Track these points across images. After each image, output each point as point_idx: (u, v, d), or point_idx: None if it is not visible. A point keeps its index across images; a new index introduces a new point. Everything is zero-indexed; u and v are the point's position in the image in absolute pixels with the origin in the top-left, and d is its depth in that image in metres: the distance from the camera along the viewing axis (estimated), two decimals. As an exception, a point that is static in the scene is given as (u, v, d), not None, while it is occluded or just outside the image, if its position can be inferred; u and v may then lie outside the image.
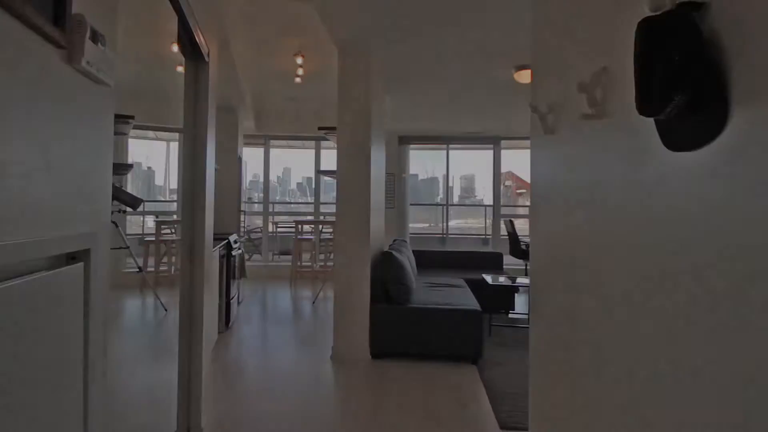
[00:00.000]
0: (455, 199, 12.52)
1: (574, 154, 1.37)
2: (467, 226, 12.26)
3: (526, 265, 7.05)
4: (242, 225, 5.57)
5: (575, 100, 1.26)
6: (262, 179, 7.83)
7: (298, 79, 4.64)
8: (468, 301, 3.49)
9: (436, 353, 3.18)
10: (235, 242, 4.38)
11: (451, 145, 7.65)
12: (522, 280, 4.37)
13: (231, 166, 5.13)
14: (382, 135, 4.42)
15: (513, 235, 6.53)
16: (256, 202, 8.67)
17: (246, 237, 8.09)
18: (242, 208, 5.37)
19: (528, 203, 9.80)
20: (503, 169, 8.53)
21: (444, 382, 2.91)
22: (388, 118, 5.91)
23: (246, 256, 7.90)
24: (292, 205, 12.50)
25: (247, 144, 7.50)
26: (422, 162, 11.43)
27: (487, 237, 10.83)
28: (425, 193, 11.72)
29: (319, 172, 4.46)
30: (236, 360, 3.32)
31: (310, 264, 6.51)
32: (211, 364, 3.16)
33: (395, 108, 5.37)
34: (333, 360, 3.27)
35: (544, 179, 1.67)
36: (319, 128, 4.23)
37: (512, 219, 6.62)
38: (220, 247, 3.76)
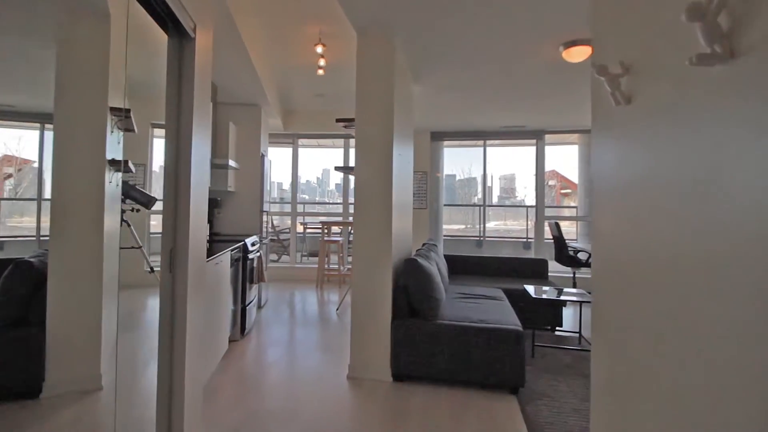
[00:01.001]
0: (494, 200, 11.87)
1: (666, 128, 0.91)
2: (506, 228, 11.58)
3: (573, 274, 6.40)
4: (266, 226, 5.32)
5: (675, 42, 0.81)
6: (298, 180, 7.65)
7: (320, 71, 4.32)
8: (507, 317, 3.01)
9: (469, 379, 2.73)
10: (254, 244, 4.12)
11: (488, 141, 7.09)
12: (570, 291, 3.82)
13: (252, 165, 4.89)
14: (410, 130, 4.01)
15: (559, 239, 5.91)
16: (286, 202, 8.47)
17: (275, 238, 7.91)
18: (265, 209, 5.11)
19: (573, 204, 8.98)
20: (546, 167, 7.87)
21: (477, 414, 2.47)
22: (418, 112, 5.49)
23: (274, 257, 7.73)
24: (327, 206, 12.33)
25: (275, 143, 7.32)
26: (459, 161, 10.92)
27: (529, 241, 10.15)
28: (462, 193, 11.18)
29: (336, 169, 4.09)
30: (242, 375, 3.02)
31: (337, 267, 6.20)
32: (213, 378, 2.87)
33: (425, 100, 4.94)
34: (350, 380, 2.90)
35: (613, 170, 1.21)
36: (337, 120, 3.86)
37: (558, 222, 6.00)
38: (233, 250, 3.49)
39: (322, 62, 4.08)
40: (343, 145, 7.22)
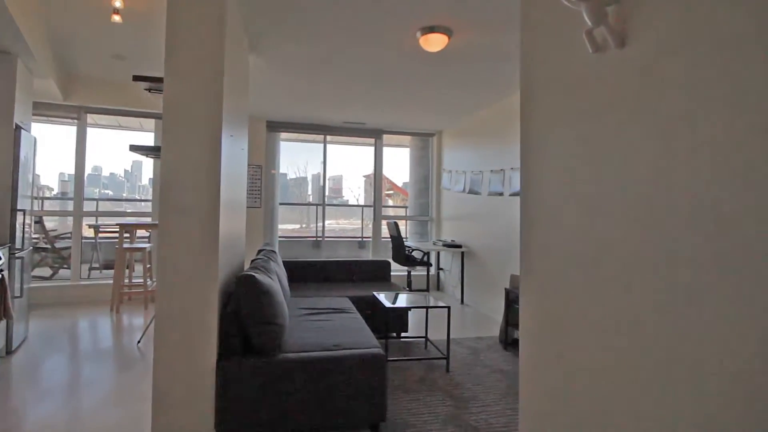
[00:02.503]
0: (324, 200, 11.64)
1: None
2: (340, 227, 11.48)
3: (409, 272, 6.52)
4: (29, 230, 3.73)
5: None
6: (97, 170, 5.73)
7: (116, 17, 3.15)
8: (363, 336, 2.58)
9: (322, 424, 2.19)
10: (-7, 261, 2.71)
11: (329, 137, 6.68)
12: (423, 295, 3.66)
13: (-2, 140, 3.32)
14: (245, 112, 3.23)
15: (398, 239, 5.90)
16: (68, 198, 6.42)
17: (47, 247, 5.88)
18: (25, 207, 3.55)
19: (395, 204, 9.33)
20: (372, 170, 7.94)
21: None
22: (254, 94, 4.68)
23: (47, 273, 5.73)
24: (138, 204, 10.08)
25: (53, 118, 5.42)
26: (293, 157, 10.37)
27: (365, 240, 10.22)
28: (294, 192, 10.58)
29: (133, 149, 2.98)
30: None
31: (141, 281, 4.87)
32: None
33: (263, 78, 4.19)
34: (153, 453, 2.02)
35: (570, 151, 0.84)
36: (135, 78, 2.79)
37: (396, 222, 5.99)
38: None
39: (117, 2, 2.95)
40: (155, 128, 5.80)
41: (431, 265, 6.25)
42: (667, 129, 0.78)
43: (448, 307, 3.28)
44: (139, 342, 3.64)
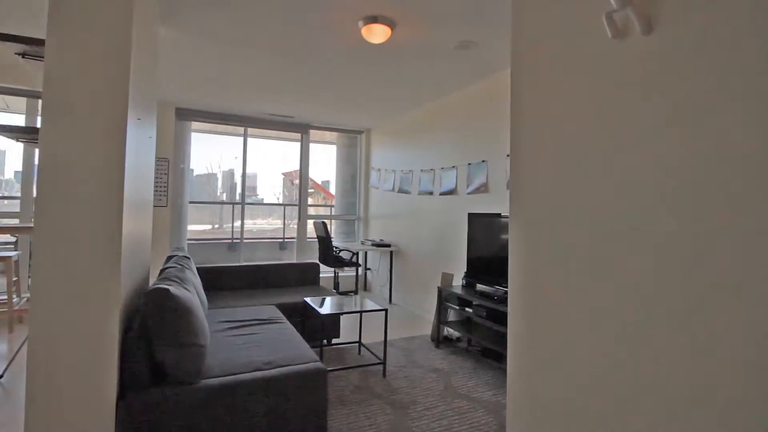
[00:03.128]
0: (236, 198, 10.89)
1: None
2: (258, 228, 10.81)
3: (336, 274, 6.28)
4: None
5: None
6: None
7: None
8: (298, 349, 2.31)
9: (253, 456, 1.88)
10: None
11: (251, 129, 6.16)
12: (359, 300, 3.45)
13: None
14: (153, 94, 2.74)
15: (326, 239, 5.63)
16: None
17: None
18: None
19: (312, 202, 9.06)
20: (291, 167, 7.60)
21: None
22: (163, 73, 4.10)
23: None
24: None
25: None
26: (202, 150, 9.61)
27: (287, 241, 9.72)
28: (201, 189, 9.72)
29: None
30: None
31: (6, 299, 3.97)
32: None
33: (175, 54, 3.67)
34: None
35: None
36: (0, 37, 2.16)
37: (324, 221, 5.71)
38: None
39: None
40: (27, 109, 4.80)
41: (360, 265, 6.08)
42: (697, 132, 0.69)
43: (386, 310, 3.12)
44: (1, 376, 2.89)
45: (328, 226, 5.64)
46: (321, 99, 4.84)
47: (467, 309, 3.55)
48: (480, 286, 3.81)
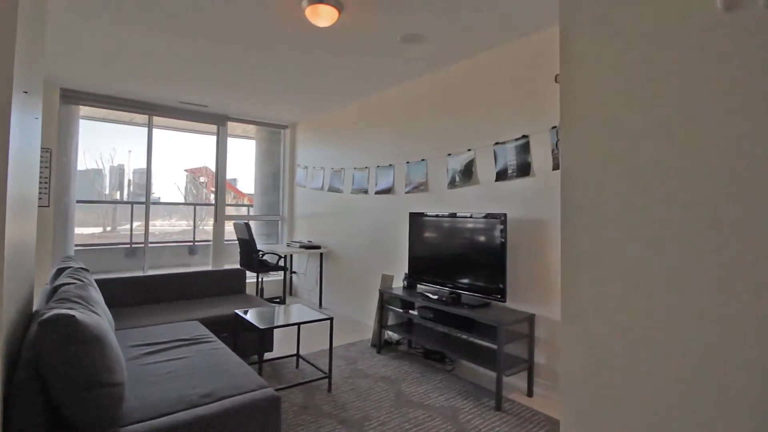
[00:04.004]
0: (125, 197, 9.71)
1: None
2: (159, 230, 9.68)
3: (261, 280, 5.80)
4: None
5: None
6: None
7: None
8: (239, 373, 1.97)
9: None
10: None
11: (157, 119, 5.40)
12: (304, 310, 3.14)
13: None
14: (40, 69, 2.16)
15: (249, 242, 5.15)
16: None
17: None
18: None
19: (229, 202, 8.48)
20: (197, 163, 6.95)
21: None
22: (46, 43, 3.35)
23: None
24: None
25: None
26: (91, 141, 8.41)
27: (197, 244, 8.83)
28: (85, 187, 8.42)
29: None
30: None
31: None
32: None
33: (61, 19, 3.01)
34: None
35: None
36: None
37: (248, 222, 5.22)
38: None
39: None
40: None
41: (287, 269, 5.69)
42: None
43: (331, 319, 2.88)
44: None
45: (251, 229, 5.17)
46: (242, 87, 4.39)
47: (411, 311, 3.44)
48: (421, 287, 3.73)
